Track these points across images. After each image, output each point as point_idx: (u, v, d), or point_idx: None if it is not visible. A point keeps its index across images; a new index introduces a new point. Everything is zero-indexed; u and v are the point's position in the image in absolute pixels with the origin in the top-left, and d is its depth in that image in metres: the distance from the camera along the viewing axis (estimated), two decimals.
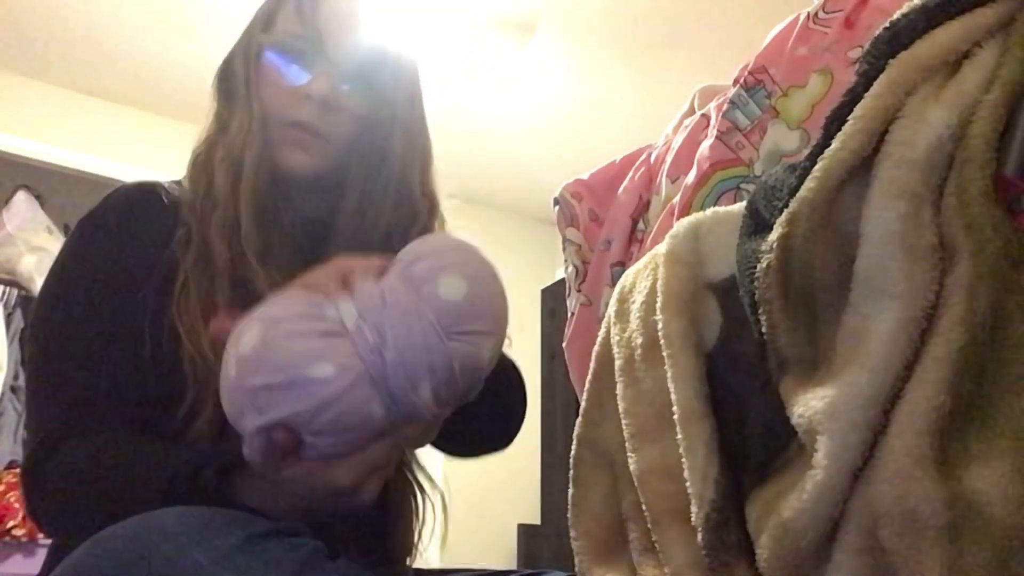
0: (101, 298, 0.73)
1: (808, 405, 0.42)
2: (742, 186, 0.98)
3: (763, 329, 0.47)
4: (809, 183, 0.43)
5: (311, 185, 0.81)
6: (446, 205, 0.90)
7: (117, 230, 0.76)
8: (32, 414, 0.74)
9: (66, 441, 0.68)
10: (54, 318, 0.74)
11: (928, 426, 0.37)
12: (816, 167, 0.43)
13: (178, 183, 0.84)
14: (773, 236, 0.45)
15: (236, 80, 0.81)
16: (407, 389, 0.53)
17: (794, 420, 0.43)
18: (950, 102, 0.40)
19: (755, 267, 0.47)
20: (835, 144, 0.43)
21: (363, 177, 0.82)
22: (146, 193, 0.80)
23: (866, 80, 0.43)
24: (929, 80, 0.41)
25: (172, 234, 0.75)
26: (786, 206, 0.45)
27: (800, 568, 0.42)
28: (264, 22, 0.82)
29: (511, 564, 3.06)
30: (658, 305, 0.57)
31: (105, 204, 0.80)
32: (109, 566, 0.52)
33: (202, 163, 0.81)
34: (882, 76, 0.42)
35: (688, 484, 0.50)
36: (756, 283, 0.47)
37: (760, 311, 0.47)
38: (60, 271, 0.76)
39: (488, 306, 0.57)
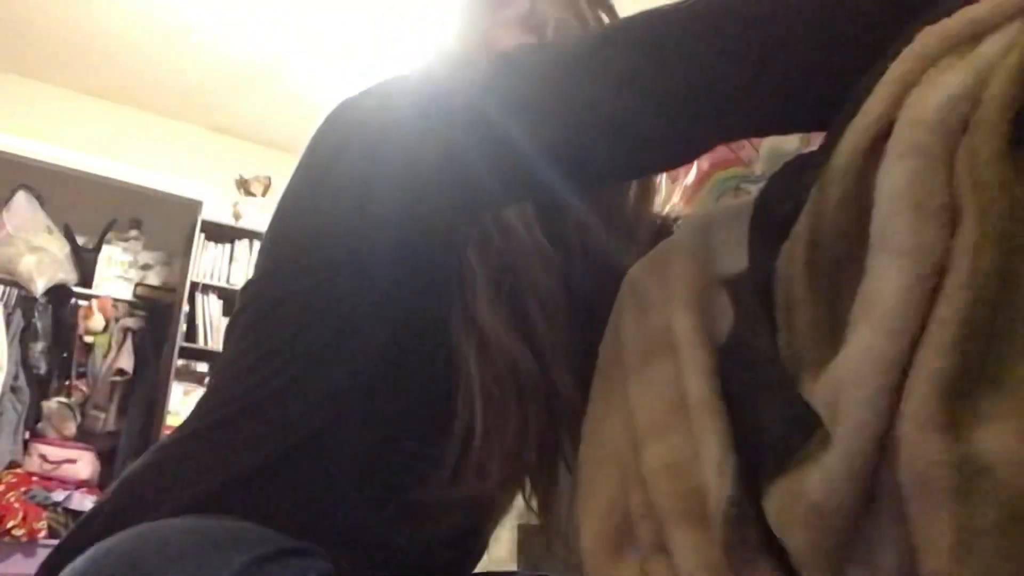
0: None
1: (829, 383, 0.41)
2: (742, 186, 0.98)
3: (779, 310, 0.46)
4: (840, 149, 0.43)
5: None
6: None
7: None
8: None
9: None
10: None
11: (935, 389, 0.36)
12: (845, 134, 0.43)
13: None
14: (805, 207, 0.44)
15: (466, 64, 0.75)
16: None
17: (817, 401, 0.42)
18: (967, 67, 0.40)
19: (773, 248, 0.46)
20: (860, 113, 0.43)
21: None
22: None
23: (893, 53, 0.44)
24: (952, 52, 0.41)
25: None
26: (801, 190, 0.45)
27: (838, 551, 0.41)
28: None
29: (511, 564, 3.05)
30: (668, 300, 0.57)
31: None
32: None
33: None
34: (907, 48, 0.43)
35: (703, 480, 0.49)
36: (778, 261, 0.46)
37: (779, 290, 0.46)
38: None
39: None
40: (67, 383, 3.35)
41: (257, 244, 3.61)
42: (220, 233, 3.61)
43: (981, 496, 0.34)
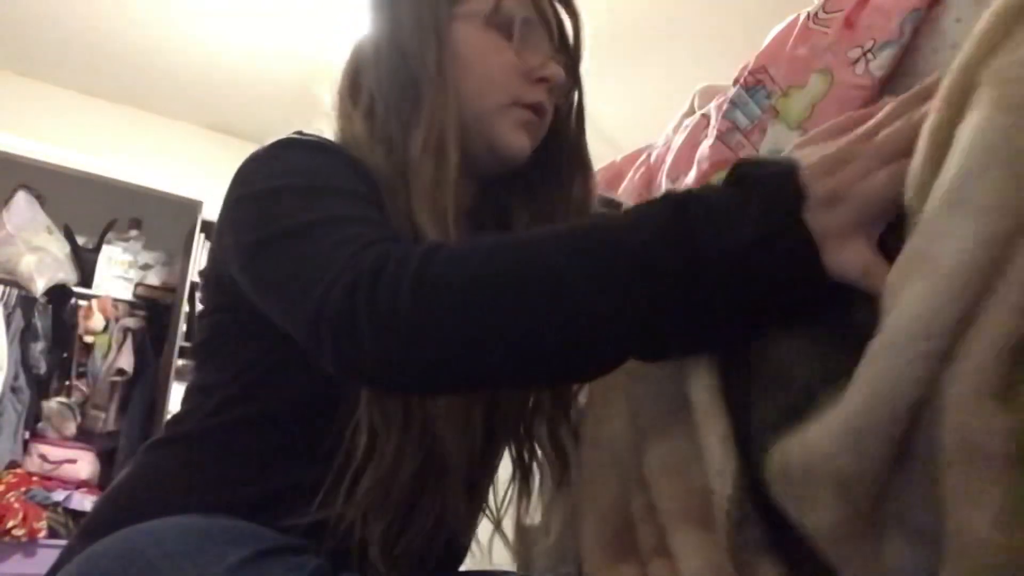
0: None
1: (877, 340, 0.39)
2: None
3: None
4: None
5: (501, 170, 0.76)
6: None
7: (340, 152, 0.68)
8: (311, 263, 0.56)
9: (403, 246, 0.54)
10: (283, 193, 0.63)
11: (997, 352, 0.35)
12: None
13: None
14: None
15: (421, 60, 0.70)
16: None
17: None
18: None
19: None
20: (950, 69, 0.41)
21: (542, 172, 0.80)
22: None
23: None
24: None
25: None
26: None
27: (875, 515, 0.40)
28: None
29: (511, 564, 3.04)
30: None
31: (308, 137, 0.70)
32: None
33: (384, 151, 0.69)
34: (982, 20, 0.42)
35: (704, 481, 0.49)
36: None
37: None
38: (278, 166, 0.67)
39: None
40: (67, 383, 3.34)
41: None
42: None
43: None
